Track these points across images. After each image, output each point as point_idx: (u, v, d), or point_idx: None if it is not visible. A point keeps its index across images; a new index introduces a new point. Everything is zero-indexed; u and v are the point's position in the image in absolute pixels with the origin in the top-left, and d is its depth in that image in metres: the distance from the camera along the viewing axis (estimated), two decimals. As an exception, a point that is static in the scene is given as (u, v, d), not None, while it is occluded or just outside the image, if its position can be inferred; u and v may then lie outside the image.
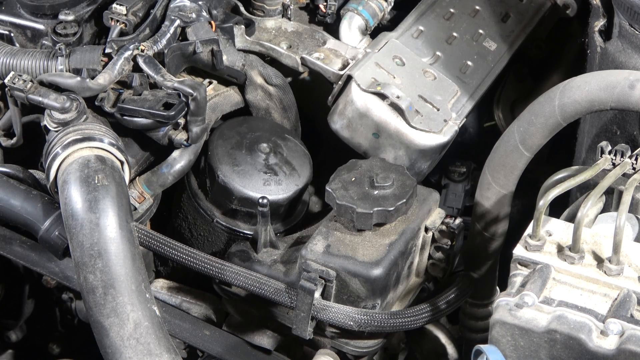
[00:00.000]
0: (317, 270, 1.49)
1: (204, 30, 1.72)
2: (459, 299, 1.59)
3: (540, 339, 1.28)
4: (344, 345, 1.58)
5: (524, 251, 1.35)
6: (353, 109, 1.73)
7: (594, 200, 1.32)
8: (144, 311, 1.39)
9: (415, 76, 1.79)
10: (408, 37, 1.86)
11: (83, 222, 1.41)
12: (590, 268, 1.32)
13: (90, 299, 1.39)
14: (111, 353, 1.38)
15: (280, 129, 1.78)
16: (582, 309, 1.27)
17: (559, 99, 1.43)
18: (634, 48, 1.61)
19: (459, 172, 1.97)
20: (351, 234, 1.53)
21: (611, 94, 1.39)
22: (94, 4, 1.79)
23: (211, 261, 1.54)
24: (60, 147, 1.49)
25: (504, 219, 1.57)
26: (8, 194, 1.56)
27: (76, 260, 1.41)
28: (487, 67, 1.88)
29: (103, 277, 1.39)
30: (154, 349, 1.38)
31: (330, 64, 1.80)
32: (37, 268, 1.65)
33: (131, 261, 1.42)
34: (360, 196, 1.53)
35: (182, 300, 1.70)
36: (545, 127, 1.45)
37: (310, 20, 1.96)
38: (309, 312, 1.48)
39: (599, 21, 1.67)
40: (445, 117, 1.75)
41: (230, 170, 1.67)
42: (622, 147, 1.43)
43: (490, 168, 1.52)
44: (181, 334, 1.63)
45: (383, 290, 1.51)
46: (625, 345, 1.23)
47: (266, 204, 1.53)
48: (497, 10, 1.97)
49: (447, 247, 1.61)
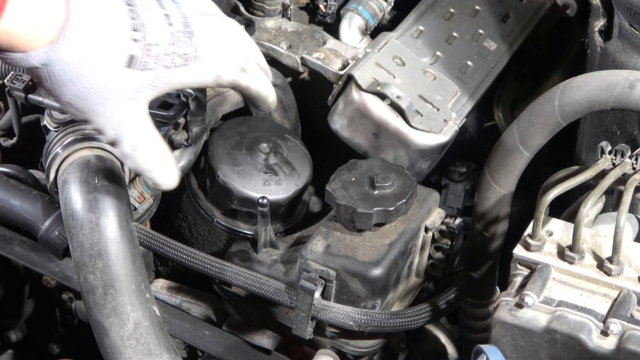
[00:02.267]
0: (317, 270, 1.49)
1: (204, 30, 1.72)
2: (459, 299, 1.59)
3: (540, 339, 1.28)
4: (344, 345, 1.58)
5: (524, 251, 1.35)
6: (353, 109, 1.73)
7: (594, 200, 1.32)
8: (144, 311, 1.39)
9: (415, 76, 1.79)
10: (408, 37, 1.86)
11: (83, 222, 1.41)
12: (590, 268, 1.32)
13: (90, 299, 1.39)
14: (111, 353, 1.38)
15: (280, 129, 1.78)
16: (582, 309, 1.27)
17: (559, 99, 1.43)
18: (634, 48, 1.61)
19: (459, 172, 1.97)
20: (351, 234, 1.53)
21: (611, 94, 1.39)
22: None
23: (211, 261, 1.54)
24: (60, 147, 1.49)
25: (504, 219, 1.57)
26: (8, 194, 1.56)
27: (76, 260, 1.41)
28: (487, 67, 1.88)
29: (103, 277, 1.39)
30: (154, 349, 1.38)
31: (330, 64, 1.80)
32: (37, 268, 1.65)
33: (131, 261, 1.42)
34: (360, 196, 1.53)
35: (182, 300, 1.70)
36: (545, 127, 1.45)
37: (310, 20, 1.96)
38: (309, 312, 1.48)
39: (599, 21, 1.67)
40: (445, 117, 1.75)
41: (230, 170, 1.67)
42: (622, 147, 1.43)
43: (490, 168, 1.52)
44: (181, 334, 1.63)
45: (383, 290, 1.52)
46: (625, 345, 1.23)
47: (266, 204, 1.53)
48: (497, 10, 1.97)
49: (447, 247, 1.61)
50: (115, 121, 1.24)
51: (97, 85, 1.21)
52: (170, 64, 1.24)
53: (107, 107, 1.22)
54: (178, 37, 1.24)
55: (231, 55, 1.29)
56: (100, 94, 1.22)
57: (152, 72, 1.23)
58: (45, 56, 1.18)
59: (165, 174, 1.29)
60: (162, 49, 1.23)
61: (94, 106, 1.22)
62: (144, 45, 1.22)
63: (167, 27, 1.24)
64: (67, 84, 1.20)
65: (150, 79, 1.23)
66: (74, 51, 1.18)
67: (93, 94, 1.21)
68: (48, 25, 1.16)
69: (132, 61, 1.22)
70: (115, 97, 1.22)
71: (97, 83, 1.21)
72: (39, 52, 1.17)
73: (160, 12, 1.25)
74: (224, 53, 1.28)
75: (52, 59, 1.18)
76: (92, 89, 1.21)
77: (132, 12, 1.22)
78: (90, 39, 1.19)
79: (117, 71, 1.21)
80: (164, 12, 1.25)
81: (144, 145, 1.27)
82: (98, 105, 1.22)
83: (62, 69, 1.19)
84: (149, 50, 1.22)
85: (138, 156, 1.27)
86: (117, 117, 1.24)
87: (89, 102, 1.22)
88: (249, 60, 1.31)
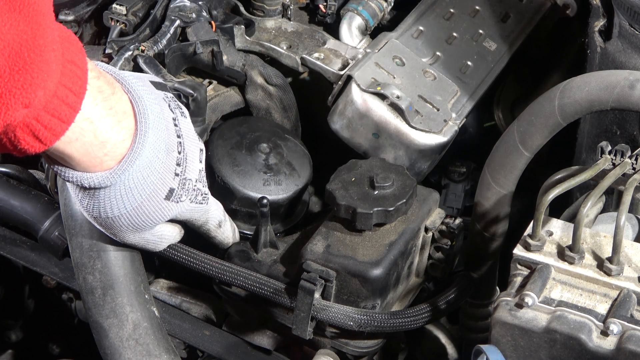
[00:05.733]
0: (317, 270, 1.49)
1: (204, 31, 1.72)
2: (459, 299, 1.59)
3: (540, 339, 1.28)
4: (344, 345, 1.58)
5: (524, 251, 1.35)
6: (353, 109, 1.73)
7: (594, 200, 1.32)
8: (143, 312, 1.39)
9: (415, 76, 1.79)
10: (408, 37, 1.85)
11: (82, 223, 1.41)
12: (590, 268, 1.32)
13: (89, 300, 1.39)
14: (110, 354, 1.38)
15: (280, 129, 1.78)
16: (582, 309, 1.27)
17: (559, 99, 1.43)
18: (634, 48, 1.61)
19: (459, 172, 1.97)
20: (351, 234, 1.53)
21: (611, 94, 1.39)
22: (94, 4, 1.79)
23: (211, 261, 1.54)
24: (60, 147, 1.49)
25: (504, 219, 1.57)
26: (8, 194, 1.56)
27: (75, 260, 1.41)
28: (487, 67, 1.88)
29: (102, 278, 1.39)
30: (153, 349, 1.38)
31: (330, 64, 1.80)
32: (37, 268, 1.65)
33: (130, 262, 1.42)
34: (360, 196, 1.53)
35: (182, 300, 1.70)
36: (545, 127, 1.45)
37: (310, 20, 1.96)
38: (309, 312, 1.48)
39: (599, 21, 1.67)
40: (445, 117, 1.75)
41: (230, 170, 1.67)
42: (622, 147, 1.43)
43: (490, 168, 1.52)
44: (181, 334, 1.63)
45: (383, 290, 1.51)
46: (625, 345, 1.23)
47: (266, 204, 1.53)
48: (497, 10, 1.97)
49: (447, 247, 1.61)
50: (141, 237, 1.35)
51: (134, 212, 1.26)
52: (194, 199, 1.32)
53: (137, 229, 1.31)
54: (203, 175, 1.33)
55: (218, 205, 1.46)
56: (134, 220, 1.28)
57: (182, 205, 1.31)
58: (101, 182, 1.21)
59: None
60: (192, 184, 1.30)
61: (124, 227, 1.29)
62: (181, 179, 1.26)
63: (198, 164, 1.32)
64: (106, 206, 1.25)
65: (180, 210, 1.31)
66: (125, 182, 1.22)
67: (126, 218, 1.27)
68: (108, 153, 1.19)
69: (171, 194, 1.27)
70: (146, 224, 1.30)
71: (134, 210, 1.26)
72: (103, 174, 1.20)
73: (197, 146, 1.30)
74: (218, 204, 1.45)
75: (104, 185, 1.21)
76: (127, 214, 1.27)
77: (180, 145, 1.26)
78: (144, 172, 1.22)
79: (156, 202, 1.27)
80: (200, 146, 1.32)
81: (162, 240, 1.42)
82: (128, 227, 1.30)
83: (109, 193, 1.23)
84: (184, 185, 1.28)
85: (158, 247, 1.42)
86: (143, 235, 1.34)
87: (119, 222, 1.28)
88: (225, 215, 1.49)
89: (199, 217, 1.40)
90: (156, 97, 1.25)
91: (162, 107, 1.26)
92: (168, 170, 1.25)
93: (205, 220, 1.43)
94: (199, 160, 1.32)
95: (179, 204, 1.28)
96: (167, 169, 1.24)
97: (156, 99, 1.25)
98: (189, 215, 1.36)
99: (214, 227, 1.48)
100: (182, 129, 1.28)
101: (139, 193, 1.22)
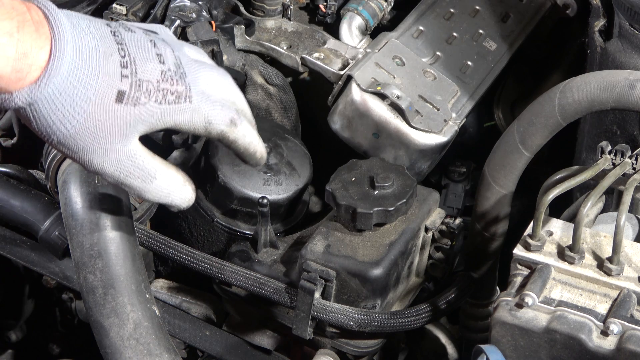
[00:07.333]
0: (317, 270, 1.49)
1: (204, 31, 1.73)
2: (459, 299, 1.59)
3: (540, 339, 1.28)
4: (344, 345, 1.58)
5: (524, 251, 1.35)
6: (353, 109, 1.73)
7: (594, 200, 1.32)
8: (143, 311, 1.39)
9: (415, 76, 1.79)
10: (408, 37, 1.86)
11: (83, 222, 1.41)
12: (590, 268, 1.32)
13: (90, 299, 1.39)
14: (111, 353, 1.38)
15: (280, 129, 1.78)
16: (582, 309, 1.27)
17: (559, 99, 1.43)
18: (634, 48, 1.61)
19: (459, 172, 1.97)
20: (351, 234, 1.53)
21: (611, 94, 1.39)
22: (94, 4, 1.79)
23: (211, 261, 1.54)
24: (60, 147, 1.49)
25: (504, 219, 1.57)
26: (8, 194, 1.56)
27: (76, 260, 1.41)
28: (487, 67, 1.88)
29: (103, 277, 1.39)
30: (153, 349, 1.38)
31: (330, 64, 1.80)
32: (37, 268, 1.65)
33: (131, 261, 1.41)
34: (360, 196, 1.53)
35: (182, 300, 1.70)
36: (545, 127, 1.45)
37: (310, 20, 1.96)
38: (309, 312, 1.48)
39: (599, 21, 1.67)
40: (445, 117, 1.75)
41: (230, 170, 1.67)
42: (622, 147, 1.43)
43: (490, 168, 1.52)
44: (181, 334, 1.63)
45: (383, 290, 1.52)
46: (625, 345, 1.23)
47: (266, 204, 1.53)
48: (497, 10, 1.97)
49: (447, 247, 1.61)
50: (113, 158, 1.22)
51: (86, 123, 1.18)
52: (162, 99, 1.22)
53: (101, 145, 1.20)
54: (170, 76, 1.23)
55: (223, 104, 1.27)
56: (92, 131, 1.19)
57: (144, 107, 1.21)
58: (29, 95, 1.15)
59: (182, 195, 1.27)
60: (153, 85, 1.21)
61: (87, 145, 1.19)
62: (133, 81, 1.20)
63: (158, 65, 1.22)
64: (56, 123, 1.17)
65: (142, 114, 1.21)
66: (60, 89, 1.16)
67: (83, 132, 1.18)
68: (32, 63, 1.14)
69: (122, 97, 1.19)
70: (108, 134, 1.20)
71: (85, 121, 1.18)
72: (23, 91, 1.14)
73: (152, 50, 1.23)
74: (217, 100, 1.26)
75: (37, 98, 1.15)
76: (81, 127, 1.18)
77: (121, 50, 1.21)
78: (76, 76, 1.16)
79: (107, 107, 1.19)
80: (156, 51, 1.23)
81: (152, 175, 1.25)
82: (91, 144, 1.20)
83: (48, 107, 1.16)
84: (139, 86, 1.20)
85: (150, 188, 1.25)
86: (114, 154, 1.22)
87: (80, 141, 1.19)
88: (239, 114, 1.29)
89: (193, 119, 1.26)
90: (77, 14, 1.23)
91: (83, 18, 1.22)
92: (110, 73, 1.21)
93: (207, 122, 1.27)
94: (158, 62, 1.25)
95: (139, 107, 1.22)
96: (108, 72, 1.20)
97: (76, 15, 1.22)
98: (176, 119, 1.25)
99: (227, 128, 1.28)
100: (125, 38, 1.24)
101: (81, 99, 1.17)
